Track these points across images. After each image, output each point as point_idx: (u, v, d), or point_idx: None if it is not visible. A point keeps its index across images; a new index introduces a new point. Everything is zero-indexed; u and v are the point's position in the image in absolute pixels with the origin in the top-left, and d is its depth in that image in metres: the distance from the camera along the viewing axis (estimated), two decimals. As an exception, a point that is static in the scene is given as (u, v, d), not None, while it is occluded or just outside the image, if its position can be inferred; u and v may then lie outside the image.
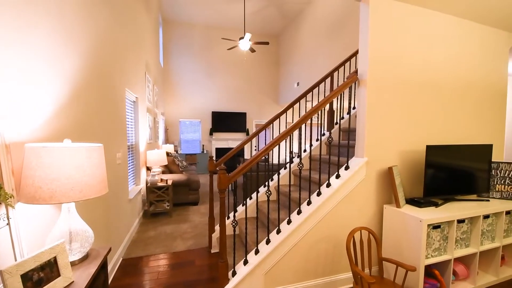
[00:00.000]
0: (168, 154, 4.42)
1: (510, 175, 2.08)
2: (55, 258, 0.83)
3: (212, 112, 7.36)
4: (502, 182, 2.12)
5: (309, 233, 1.72)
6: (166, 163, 3.50)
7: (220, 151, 7.54)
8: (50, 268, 0.81)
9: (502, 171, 2.11)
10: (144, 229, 2.93)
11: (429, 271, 1.78)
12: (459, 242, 1.81)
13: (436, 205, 1.85)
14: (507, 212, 2.00)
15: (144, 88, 3.56)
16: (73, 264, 0.97)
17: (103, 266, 1.11)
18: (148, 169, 3.78)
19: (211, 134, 7.33)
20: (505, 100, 2.35)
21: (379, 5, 1.80)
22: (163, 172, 4.14)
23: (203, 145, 7.37)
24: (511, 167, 2.08)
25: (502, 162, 2.12)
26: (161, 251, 2.41)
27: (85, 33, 1.47)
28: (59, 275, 0.83)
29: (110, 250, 1.13)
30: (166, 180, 3.47)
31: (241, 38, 5.13)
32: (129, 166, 2.76)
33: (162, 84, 6.35)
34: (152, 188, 3.26)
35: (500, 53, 2.28)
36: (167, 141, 6.84)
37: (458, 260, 1.92)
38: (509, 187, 2.08)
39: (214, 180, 5.58)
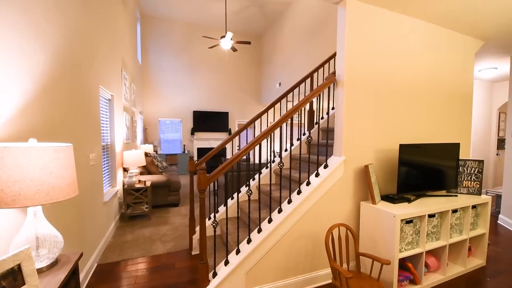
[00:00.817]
0: (146, 154, 4.29)
1: (475, 172, 2.23)
2: (19, 265, 0.77)
3: (194, 111, 7.23)
4: (469, 178, 2.26)
5: (290, 231, 1.74)
6: (144, 163, 3.39)
7: (202, 151, 7.43)
8: (13, 277, 0.75)
9: (469, 168, 2.26)
10: (121, 232, 2.82)
11: (403, 264, 1.87)
12: (430, 235, 1.92)
13: (409, 201, 1.95)
14: (473, 207, 2.15)
15: (121, 85, 3.42)
16: (40, 271, 0.91)
17: (74, 272, 1.05)
18: (125, 170, 3.64)
19: (192, 133, 7.19)
20: (471, 102, 2.51)
21: (355, 9, 1.85)
22: (141, 173, 4.00)
23: (184, 145, 7.22)
24: (477, 164, 2.23)
25: (468, 160, 2.27)
26: (139, 255, 2.32)
27: (52, 25, 1.38)
28: (24, 284, 0.78)
29: (81, 255, 1.07)
30: (145, 181, 3.36)
31: (223, 36, 5.09)
32: (104, 167, 2.63)
33: (140, 82, 6.14)
34: (129, 190, 3.13)
35: (467, 57, 2.44)
36: (146, 141, 6.63)
37: (430, 252, 2.03)
38: (475, 183, 2.23)
39: (195, 180, 5.48)
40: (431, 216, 1.89)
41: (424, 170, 2.07)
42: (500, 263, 2.23)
